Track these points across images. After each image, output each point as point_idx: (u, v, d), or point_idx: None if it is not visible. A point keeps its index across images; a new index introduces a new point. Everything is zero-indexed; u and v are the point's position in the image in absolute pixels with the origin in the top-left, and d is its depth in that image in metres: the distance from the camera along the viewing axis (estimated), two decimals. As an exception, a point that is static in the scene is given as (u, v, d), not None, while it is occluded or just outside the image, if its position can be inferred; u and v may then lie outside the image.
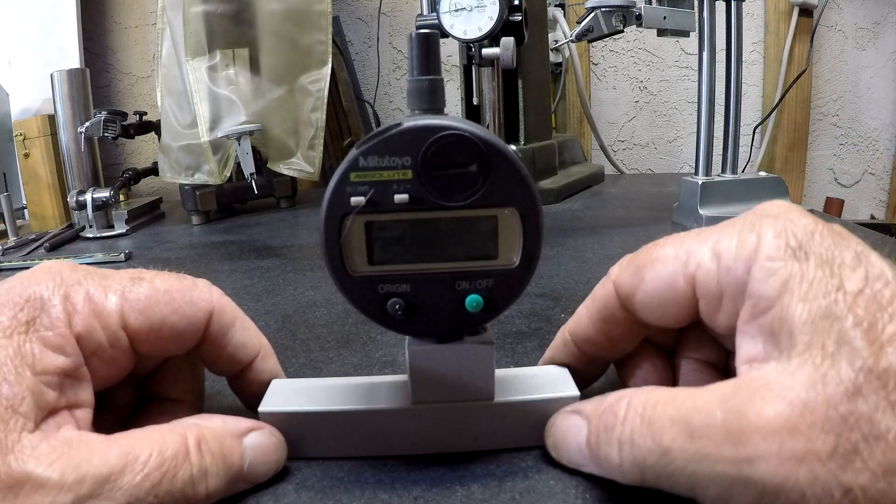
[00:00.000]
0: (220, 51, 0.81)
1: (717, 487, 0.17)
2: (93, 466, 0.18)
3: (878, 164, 1.22)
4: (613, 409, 0.20)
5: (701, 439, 0.17)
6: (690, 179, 0.64)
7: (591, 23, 0.65)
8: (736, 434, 0.16)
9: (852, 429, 0.15)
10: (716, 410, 0.17)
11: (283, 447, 0.24)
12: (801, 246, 0.18)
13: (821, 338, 0.16)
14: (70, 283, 0.22)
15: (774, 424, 0.16)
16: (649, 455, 0.18)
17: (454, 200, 0.22)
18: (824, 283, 0.17)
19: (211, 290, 0.25)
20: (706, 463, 0.17)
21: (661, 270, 0.22)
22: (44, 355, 0.20)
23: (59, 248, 0.75)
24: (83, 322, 0.21)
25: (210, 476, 0.21)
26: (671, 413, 0.18)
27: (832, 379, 0.16)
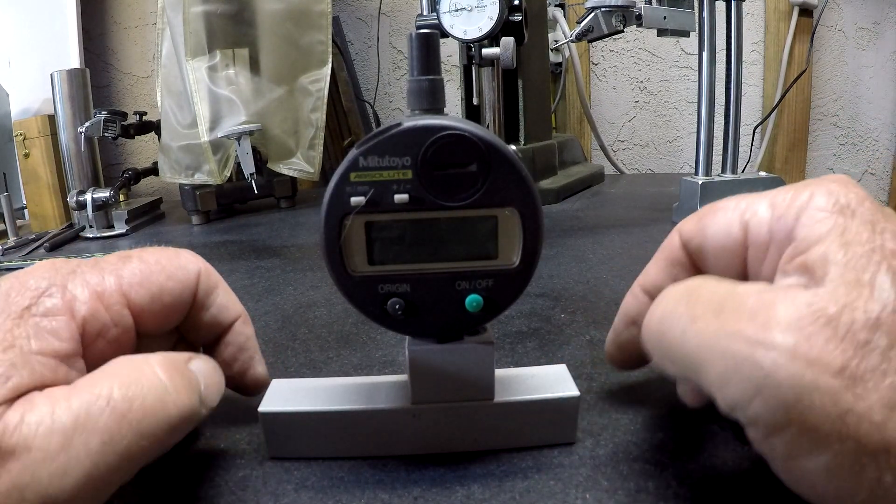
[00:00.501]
0: (220, 51, 0.81)
1: (722, 364, 0.17)
2: (56, 418, 0.18)
3: (878, 164, 1.22)
4: (671, 286, 0.22)
5: (727, 317, 0.18)
6: (690, 179, 0.64)
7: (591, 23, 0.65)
8: (759, 320, 0.17)
9: (864, 357, 0.16)
10: (749, 298, 0.18)
11: (219, 371, 0.24)
12: (850, 206, 0.19)
13: (855, 273, 0.17)
14: (65, 272, 0.22)
15: (797, 325, 0.16)
16: (677, 320, 0.20)
17: (454, 200, 0.22)
18: (866, 237, 0.18)
19: (196, 256, 0.26)
20: (723, 337, 0.18)
21: (720, 218, 0.23)
22: (39, 337, 0.20)
23: (59, 248, 0.75)
24: (86, 306, 0.21)
25: (181, 391, 0.21)
26: (711, 290, 0.20)
27: (859, 308, 0.16)
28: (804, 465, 0.16)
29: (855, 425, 0.15)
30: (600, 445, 0.25)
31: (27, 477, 0.17)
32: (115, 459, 0.18)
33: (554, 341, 0.37)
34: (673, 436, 0.26)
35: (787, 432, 0.16)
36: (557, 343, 0.36)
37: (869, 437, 0.15)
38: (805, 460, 0.16)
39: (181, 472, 0.25)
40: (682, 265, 0.25)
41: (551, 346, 0.36)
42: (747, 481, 0.23)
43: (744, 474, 0.23)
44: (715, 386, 0.18)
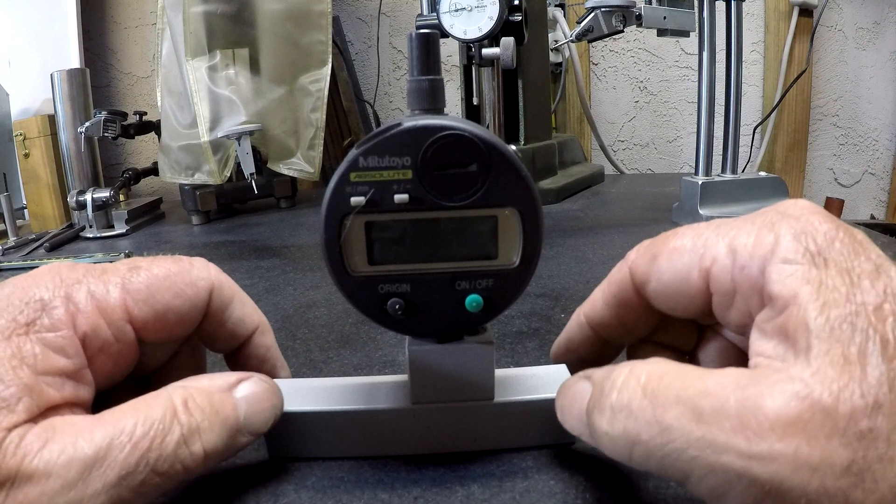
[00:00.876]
0: (220, 51, 0.81)
1: (715, 479, 0.16)
2: (78, 449, 0.18)
3: (878, 164, 1.22)
4: (613, 376, 0.19)
5: (709, 425, 0.16)
6: (690, 179, 0.64)
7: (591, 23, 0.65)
8: (751, 427, 0.15)
9: (869, 447, 0.15)
10: (729, 397, 0.16)
11: (277, 392, 0.24)
12: (821, 252, 0.17)
13: (840, 347, 0.16)
14: (70, 282, 0.22)
15: (794, 427, 0.15)
16: (646, 429, 0.17)
17: (454, 200, 0.22)
18: (843, 293, 0.17)
19: (209, 268, 0.25)
20: (710, 451, 0.16)
21: (676, 261, 0.21)
22: (45, 356, 0.20)
23: (59, 248, 0.75)
24: (88, 321, 0.21)
25: (203, 432, 0.20)
26: (677, 390, 0.17)
27: (855, 392, 0.15)
28: None
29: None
30: (600, 445, 0.25)
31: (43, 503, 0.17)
32: (129, 494, 0.19)
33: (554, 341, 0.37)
34: (673, 436, 0.26)
35: None
36: (557, 343, 0.36)
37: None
38: None
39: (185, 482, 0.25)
40: (630, 306, 0.24)
41: (551, 346, 0.36)
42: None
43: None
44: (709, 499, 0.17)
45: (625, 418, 0.18)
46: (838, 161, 1.23)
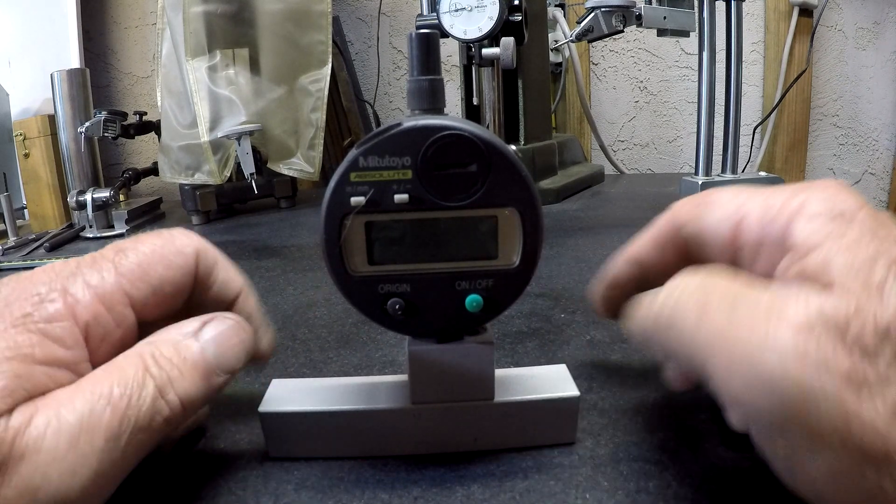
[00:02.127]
0: (220, 51, 0.81)
1: (729, 359, 0.18)
2: (63, 420, 0.18)
3: (878, 164, 1.22)
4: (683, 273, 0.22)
5: (739, 315, 0.18)
6: (690, 179, 0.64)
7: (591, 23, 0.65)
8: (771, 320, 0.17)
9: (872, 365, 0.16)
10: (763, 297, 0.18)
11: (244, 327, 0.24)
12: (846, 213, 0.19)
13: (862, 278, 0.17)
14: (65, 275, 0.22)
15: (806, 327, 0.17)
16: (688, 313, 0.20)
17: (454, 200, 0.22)
18: (866, 243, 0.18)
19: (191, 235, 0.25)
20: (734, 333, 0.18)
21: (715, 210, 0.23)
22: (43, 346, 0.20)
23: (59, 248, 0.75)
24: (88, 311, 0.21)
25: (175, 381, 0.21)
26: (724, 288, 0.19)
27: (869, 314, 0.16)
28: (805, 465, 0.17)
29: (858, 431, 0.15)
30: (600, 445, 0.25)
31: (38, 478, 0.17)
32: (118, 455, 0.19)
33: (554, 341, 0.37)
34: (673, 436, 0.26)
35: (790, 432, 0.16)
36: (557, 343, 0.36)
37: (872, 443, 0.15)
38: (806, 461, 0.16)
39: (181, 472, 0.25)
40: (674, 246, 0.26)
41: (551, 346, 0.36)
42: (747, 481, 0.23)
43: (744, 474, 0.23)
44: (720, 379, 0.18)
45: (675, 302, 0.21)
46: (838, 161, 1.23)
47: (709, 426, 0.26)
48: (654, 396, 0.29)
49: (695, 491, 0.22)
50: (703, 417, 0.27)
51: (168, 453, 0.25)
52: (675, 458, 0.24)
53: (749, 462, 0.24)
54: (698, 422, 0.27)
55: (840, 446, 0.16)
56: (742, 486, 0.22)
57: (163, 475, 0.25)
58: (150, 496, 0.24)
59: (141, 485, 0.24)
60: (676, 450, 0.25)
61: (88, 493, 0.18)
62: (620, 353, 0.34)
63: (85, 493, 0.18)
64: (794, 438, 0.16)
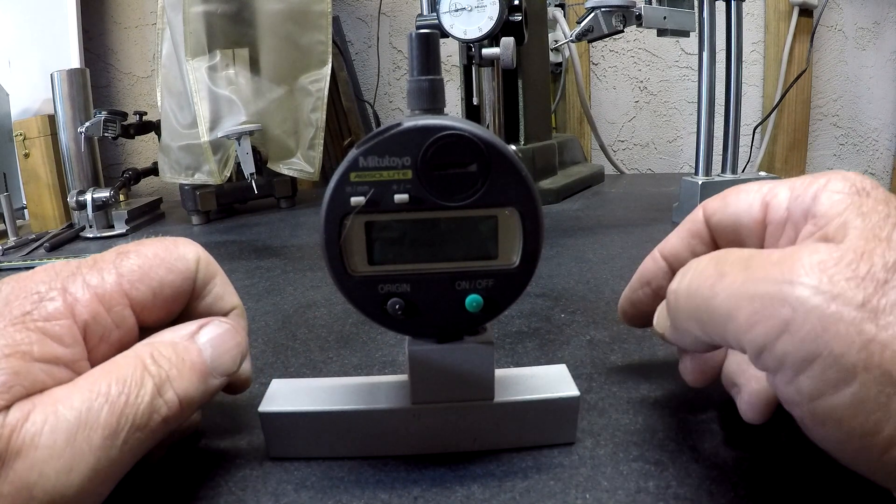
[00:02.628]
0: (220, 51, 0.81)
1: (750, 307, 0.18)
2: (60, 416, 0.18)
3: (878, 164, 1.22)
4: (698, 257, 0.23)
5: (755, 268, 0.19)
6: (690, 179, 0.64)
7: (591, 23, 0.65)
8: (786, 265, 0.18)
9: (885, 294, 0.17)
10: (775, 253, 0.19)
11: (239, 332, 0.25)
12: (865, 189, 0.21)
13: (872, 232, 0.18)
14: (65, 275, 0.22)
15: (819, 266, 0.18)
16: (706, 279, 0.21)
17: (454, 200, 0.22)
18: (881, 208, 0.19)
19: (194, 244, 0.25)
20: (752, 283, 0.19)
21: (743, 198, 0.25)
22: (42, 343, 0.20)
23: (59, 248, 0.75)
24: (87, 310, 0.21)
25: (174, 380, 0.21)
26: (737, 254, 0.21)
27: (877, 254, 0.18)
28: (831, 401, 0.17)
29: (879, 354, 0.16)
30: (600, 445, 0.26)
31: (35, 475, 0.17)
32: (116, 453, 0.19)
33: (554, 341, 0.37)
34: (673, 436, 0.26)
35: (815, 366, 0.17)
36: (557, 343, 0.36)
37: (894, 364, 0.16)
38: (832, 396, 0.17)
39: (181, 472, 0.25)
40: (702, 238, 0.27)
41: (551, 346, 0.36)
42: (747, 481, 0.23)
43: (744, 474, 0.23)
44: (743, 330, 0.19)
45: (692, 274, 0.22)
46: (838, 161, 1.22)
47: (709, 426, 0.26)
48: (654, 396, 0.29)
49: (695, 491, 0.22)
50: (704, 417, 0.27)
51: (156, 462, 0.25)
52: (675, 458, 0.24)
53: (749, 462, 0.24)
54: (698, 422, 0.27)
55: (863, 371, 0.16)
56: (742, 486, 0.22)
57: (163, 475, 0.25)
58: (150, 496, 0.24)
59: (141, 485, 0.24)
60: (676, 450, 0.25)
61: (85, 491, 0.18)
62: (620, 353, 0.34)
63: (81, 491, 0.18)
64: (819, 372, 0.17)
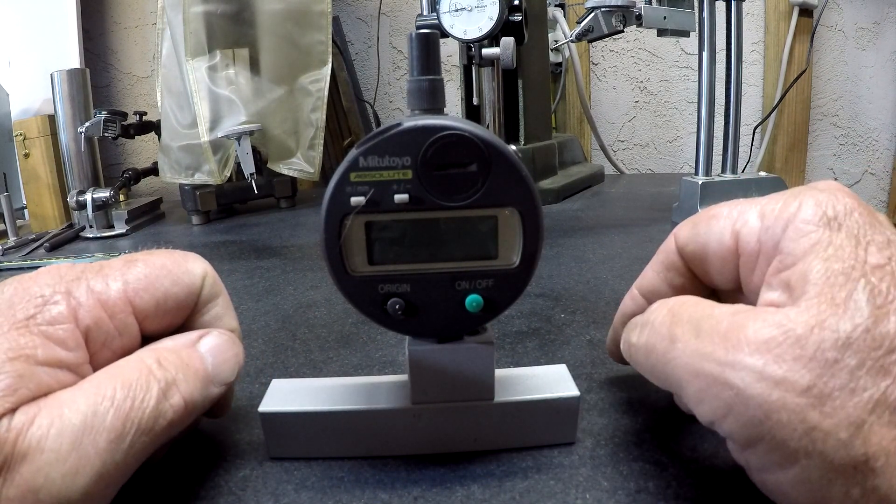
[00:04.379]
0: (220, 51, 0.81)
1: (697, 384, 0.18)
2: (66, 420, 0.18)
3: (878, 164, 1.22)
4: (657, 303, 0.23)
5: (703, 339, 0.19)
6: (690, 179, 0.64)
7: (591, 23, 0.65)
8: (731, 342, 0.18)
9: (833, 376, 0.16)
10: (724, 320, 0.19)
11: (237, 343, 0.25)
12: (837, 218, 0.19)
13: (830, 292, 0.17)
14: (70, 279, 0.22)
15: (764, 346, 0.17)
16: (660, 341, 0.21)
17: (454, 200, 0.22)
18: (848, 252, 0.18)
19: (202, 260, 0.26)
20: (698, 358, 0.19)
21: (714, 226, 0.23)
22: (45, 347, 0.20)
23: (59, 248, 0.75)
24: (90, 315, 0.21)
25: (180, 384, 0.21)
26: (691, 313, 0.20)
27: (829, 326, 0.16)
28: (776, 477, 0.17)
29: (822, 442, 0.16)
30: (600, 445, 0.26)
31: (41, 479, 0.17)
32: (121, 456, 0.19)
33: (554, 341, 0.37)
34: (673, 436, 0.26)
35: (759, 447, 0.17)
36: (557, 343, 0.36)
37: (835, 453, 0.16)
38: (776, 473, 0.17)
39: (181, 472, 0.25)
40: (677, 270, 0.25)
41: (551, 346, 0.36)
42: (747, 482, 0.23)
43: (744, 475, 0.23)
44: (692, 403, 0.19)
45: (649, 331, 0.22)
46: (838, 161, 1.23)
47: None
48: (654, 396, 0.29)
49: (695, 491, 0.22)
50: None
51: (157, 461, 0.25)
52: (675, 458, 0.24)
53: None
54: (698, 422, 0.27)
55: (805, 458, 0.16)
56: (742, 487, 0.22)
57: (163, 475, 0.25)
58: (149, 496, 0.24)
59: (141, 484, 0.24)
60: (676, 450, 0.25)
61: (90, 495, 0.18)
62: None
63: (87, 495, 0.18)
64: (763, 453, 0.17)
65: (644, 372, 0.23)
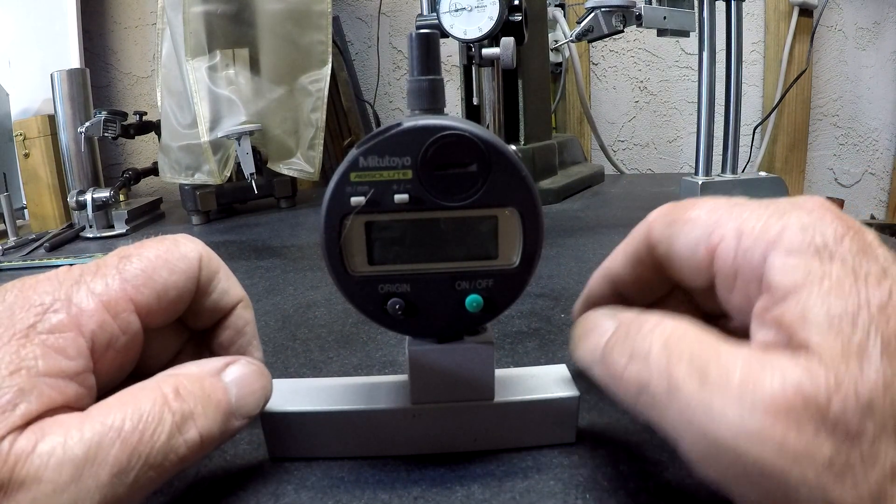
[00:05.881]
0: (220, 51, 0.81)
1: (704, 445, 0.17)
2: (68, 450, 0.18)
3: (878, 164, 1.22)
4: (642, 321, 0.20)
5: (710, 391, 0.17)
6: (690, 179, 0.64)
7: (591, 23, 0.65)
8: (745, 402, 0.16)
9: (854, 446, 0.15)
10: (736, 369, 0.17)
11: (265, 374, 0.24)
12: (827, 246, 0.17)
13: (840, 342, 0.16)
14: (68, 284, 0.21)
15: (786, 414, 0.15)
16: (656, 380, 0.18)
17: (454, 200, 0.22)
18: (846, 288, 0.16)
19: (195, 241, 0.25)
20: (706, 418, 0.16)
21: (689, 231, 0.21)
22: (46, 358, 0.19)
23: (59, 248, 0.75)
24: (93, 319, 0.21)
25: (198, 418, 0.20)
26: (693, 350, 0.18)
27: (850, 390, 0.15)
28: None
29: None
30: (600, 445, 0.25)
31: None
32: (123, 490, 0.18)
33: (554, 341, 0.37)
34: (673, 436, 0.26)
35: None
36: (557, 343, 0.36)
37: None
38: None
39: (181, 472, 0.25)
40: (647, 265, 0.24)
41: (551, 346, 0.36)
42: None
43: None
44: (694, 463, 0.17)
45: (640, 364, 0.19)
46: (838, 161, 1.23)
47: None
48: (654, 396, 0.29)
49: (695, 491, 0.22)
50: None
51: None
52: (675, 458, 0.24)
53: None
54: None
55: None
56: (742, 486, 0.22)
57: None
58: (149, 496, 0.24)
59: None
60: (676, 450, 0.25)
61: None
62: (620, 353, 0.34)
63: None
64: None
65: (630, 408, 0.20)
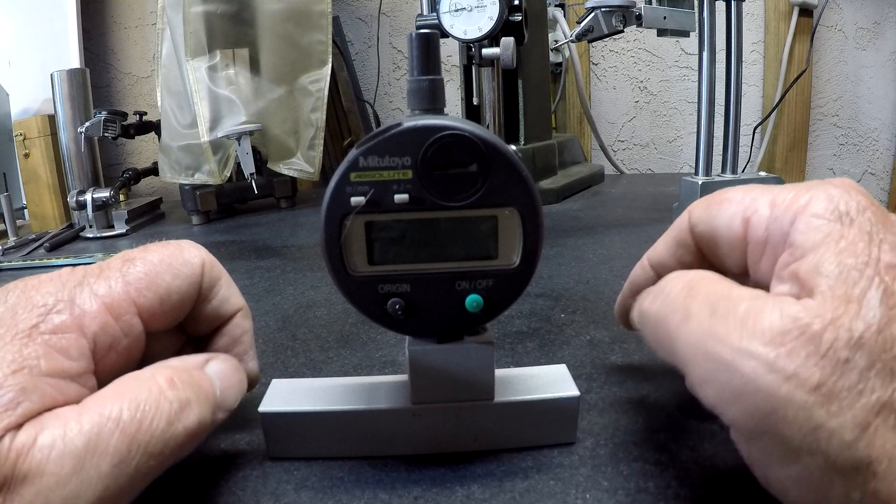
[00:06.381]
0: (220, 51, 0.81)
1: (706, 366, 0.18)
2: (68, 442, 0.18)
3: (878, 164, 1.22)
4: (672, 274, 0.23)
5: (718, 320, 0.18)
6: (690, 179, 0.64)
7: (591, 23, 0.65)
8: (747, 328, 0.17)
9: (843, 376, 0.16)
10: (742, 303, 0.18)
11: (241, 370, 0.25)
12: (849, 213, 0.19)
13: (844, 287, 0.17)
14: (71, 285, 0.22)
15: (780, 338, 0.17)
16: (673, 312, 0.21)
17: (454, 200, 0.22)
18: (861, 248, 0.18)
19: (198, 247, 0.25)
20: (711, 339, 0.18)
21: (726, 209, 0.23)
22: (49, 357, 0.19)
23: (59, 248, 0.75)
24: (95, 321, 0.21)
25: (193, 405, 0.21)
26: (709, 290, 0.20)
27: (843, 324, 0.16)
28: (776, 472, 0.17)
29: (826, 441, 0.16)
30: (600, 445, 0.26)
31: (40, 502, 0.17)
32: (125, 480, 0.18)
33: (554, 341, 0.37)
34: (673, 436, 0.26)
35: (763, 440, 0.17)
36: (557, 343, 0.36)
37: (839, 454, 0.16)
38: (777, 468, 0.17)
39: (181, 472, 0.25)
40: (688, 247, 0.26)
41: (551, 346, 0.36)
42: (747, 481, 0.23)
43: (744, 474, 0.23)
44: (697, 385, 0.19)
45: (663, 301, 0.22)
46: (838, 161, 1.23)
47: (709, 426, 0.26)
48: (654, 396, 0.29)
49: (695, 491, 0.22)
50: (704, 418, 0.27)
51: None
52: (674, 458, 0.24)
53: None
54: (698, 422, 0.27)
55: (808, 456, 0.16)
56: (742, 487, 0.22)
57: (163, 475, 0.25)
58: (149, 496, 0.24)
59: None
60: (676, 450, 0.25)
61: None
62: (620, 353, 0.34)
63: None
64: (767, 446, 0.17)
65: (651, 341, 0.23)
